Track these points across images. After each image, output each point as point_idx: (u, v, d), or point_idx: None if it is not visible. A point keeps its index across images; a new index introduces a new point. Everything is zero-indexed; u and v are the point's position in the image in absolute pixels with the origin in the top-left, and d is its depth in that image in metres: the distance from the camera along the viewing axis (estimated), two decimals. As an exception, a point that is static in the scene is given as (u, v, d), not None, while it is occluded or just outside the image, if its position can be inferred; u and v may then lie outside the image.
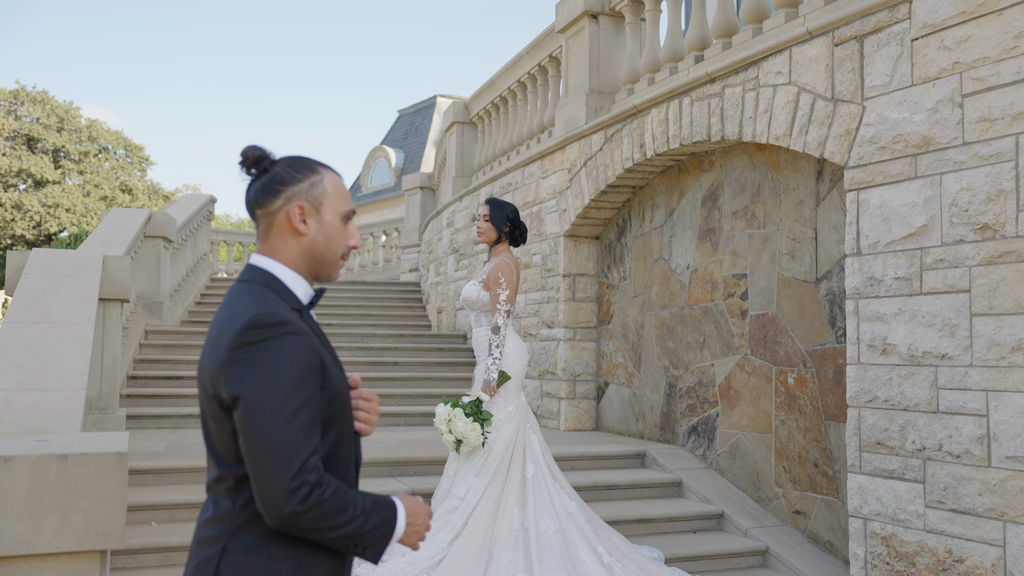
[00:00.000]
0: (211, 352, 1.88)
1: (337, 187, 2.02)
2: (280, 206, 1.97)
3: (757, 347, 6.44)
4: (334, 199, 2.00)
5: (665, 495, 6.64)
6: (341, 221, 2.01)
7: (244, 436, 1.78)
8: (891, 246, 4.93)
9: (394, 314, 13.34)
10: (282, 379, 1.78)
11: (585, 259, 8.75)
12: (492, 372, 5.11)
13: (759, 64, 6.01)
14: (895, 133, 4.91)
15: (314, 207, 1.98)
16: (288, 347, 1.81)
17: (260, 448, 1.76)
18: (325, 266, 2.02)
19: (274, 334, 1.82)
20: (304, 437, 1.78)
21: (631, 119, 7.59)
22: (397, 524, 1.91)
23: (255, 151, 2.01)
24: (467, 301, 5.35)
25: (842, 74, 5.30)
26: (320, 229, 1.98)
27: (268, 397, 1.76)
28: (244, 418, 1.77)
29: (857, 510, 5.09)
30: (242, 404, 1.77)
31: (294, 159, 2.02)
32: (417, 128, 35.35)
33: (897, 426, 4.86)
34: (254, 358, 1.79)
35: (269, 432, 1.75)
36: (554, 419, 8.70)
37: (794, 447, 6.04)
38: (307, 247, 1.98)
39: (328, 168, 2.05)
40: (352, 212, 2.05)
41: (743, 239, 6.65)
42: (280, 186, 1.97)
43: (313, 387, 1.84)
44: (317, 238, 1.98)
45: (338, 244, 2.01)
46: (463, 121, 12.86)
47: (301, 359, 1.82)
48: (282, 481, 1.75)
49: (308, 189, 1.97)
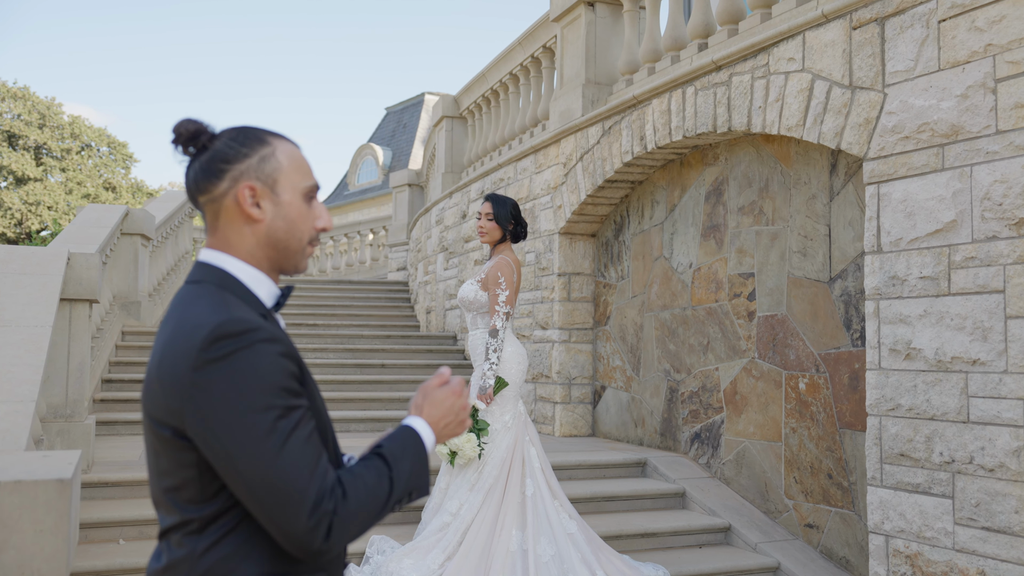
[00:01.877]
0: (161, 375, 1.52)
1: (294, 159, 1.66)
2: (226, 189, 1.61)
3: (765, 350, 6.10)
4: (292, 174, 1.64)
5: (668, 506, 6.28)
6: (303, 199, 1.65)
7: (232, 477, 1.45)
8: (915, 243, 4.59)
9: (381, 314, 12.95)
10: (263, 398, 1.45)
11: (581, 258, 8.39)
12: (489, 378, 4.75)
13: (769, 50, 5.67)
14: (920, 122, 4.57)
15: (268, 186, 1.62)
16: (263, 357, 1.47)
17: (258, 490, 1.44)
18: (290, 255, 1.66)
19: (243, 344, 1.47)
20: (307, 460, 1.46)
21: (630, 110, 7.24)
22: (425, 445, 1.66)
23: (190, 125, 1.64)
24: (464, 301, 4.98)
25: (861, 59, 4.96)
26: (278, 212, 1.62)
27: (251, 425, 1.43)
28: (225, 454, 1.44)
29: (878, 526, 4.75)
30: (218, 437, 1.44)
31: (238, 130, 1.65)
32: (405, 126, 34.96)
33: (923, 436, 4.52)
34: (223, 377, 1.45)
35: (265, 469, 1.43)
36: (548, 424, 8.34)
37: (806, 456, 5.70)
38: (264, 235, 1.63)
39: (281, 137, 1.68)
40: (315, 187, 1.68)
41: (750, 236, 6.30)
42: (223, 165, 1.61)
43: (301, 399, 1.52)
44: (276, 223, 1.63)
45: (302, 228, 1.65)
46: (453, 116, 12.48)
47: (281, 369, 1.48)
48: (297, 525, 1.45)
49: (258, 165, 1.61)
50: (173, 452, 1.53)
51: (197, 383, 1.46)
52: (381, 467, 1.57)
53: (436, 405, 1.71)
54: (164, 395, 1.51)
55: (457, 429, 1.75)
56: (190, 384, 1.46)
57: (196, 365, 1.47)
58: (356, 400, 8.98)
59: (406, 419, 1.70)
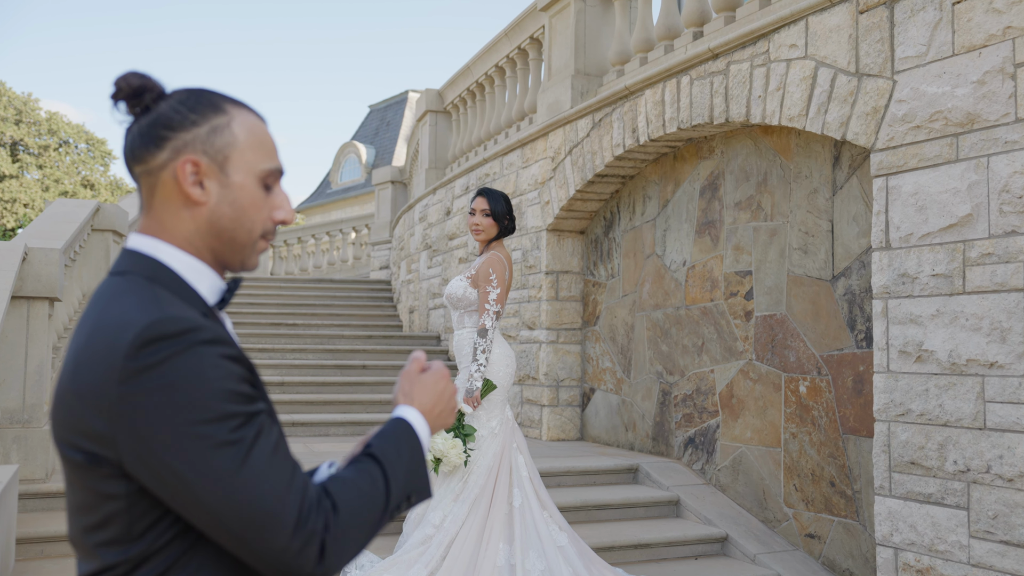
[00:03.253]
0: (77, 388, 1.22)
1: (254, 135, 1.36)
2: (165, 161, 1.32)
3: (764, 352, 5.83)
4: (248, 152, 1.35)
5: (662, 515, 6.01)
6: (258, 184, 1.36)
7: (190, 508, 1.18)
8: (927, 239, 4.33)
9: (363, 314, 12.64)
10: (213, 407, 1.17)
11: (569, 255, 8.10)
12: (476, 380, 4.45)
13: (770, 37, 5.40)
14: (933, 110, 4.31)
15: (216, 163, 1.32)
16: (205, 361, 1.19)
17: (226, 517, 1.17)
18: (236, 249, 1.37)
19: (180, 347, 1.18)
20: (281, 472, 1.20)
21: (622, 102, 6.96)
22: (420, 438, 1.41)
23: (134, 79, 1.34)
24: (451, 298, 4.68)
25: (868, 45, 4.69)
26: (225, 195, 1.33)
27: (204, 440, 1.16)
28: (177, 481, 1.16)
29: (887, 538, 4.48)
30: (166, 462, 1.16)
31: (191, 92, 1.36)
32: (388, 124, 34.61)
33: (935, 444, 4.26)
34: (159, 388, 1.16)
35: (230, 490, 1.16)
36: (535, 428, 8.05)
37: (807, 463, 5.43)
38: (206, 222, 1.33)
39: (242, 106, 1.38)
40: (278, 172, 1.38)
41: (747, 233, 6.04)
42: (165, 131, 1.32)
43: (259, 403, 1.24)
44: (220, 209, 1.33)
45: (254, 217, 1.36)
46: (436, 110, 12.17)
47: (229, 373, 1.20)
48: (281, 552, 1.19)
49: (207, 136, 1.32)
50: (92, 482, 1.24)
51: (126, 398, 1.17)
52: (373, 469, 1.32)
53: (426, 391, 1.47)
54: (82, 413, 1.21)
55: (449, 418, 1.51)
56: (117, 400, 1.17)
57: (123, 376, 1.18)
58: (336, 403, 8.67)
59: (395, 410, 1.45)
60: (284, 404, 8.47)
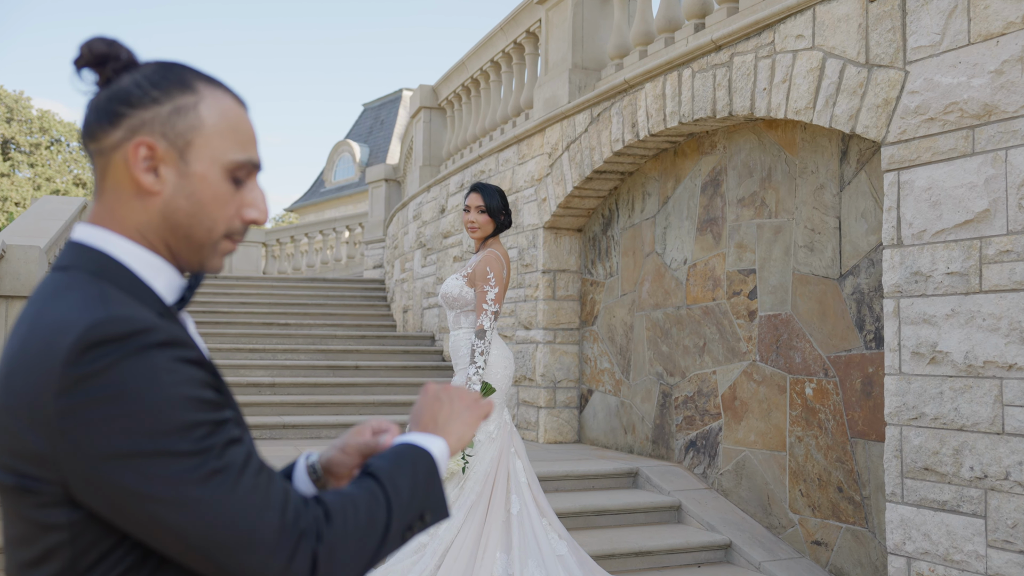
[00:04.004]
0: (8, 400, 1.05)
1: (226, 120, 1.18)
2: (118, 141, 1.14)
3: (768, 352, 5.66)
4: (215, 139, 1.17)
5: (663, 521, 5.83)
6: (225, 177, 1.18)
7: (156, 533, 1.02)
8: (942, 235, 4.16)
9: (356, 313, 12.45)
10: (174, 415, 1.01)
11: (567, 253, 7.93)
12: (474, 383, 4.27)
13: (775, 27, 5.23)
14: (947, 101, 4.14)
15: (175, 148, 1.15)
16: (159, 365, 1.02)
17: (202, 539, 1.02)
18: (193, 249, 1.19)
19: (129, 350, 1.02)
20: (254, 485, 1.05)
21: (621, 96, 6.78)
22: (431, 453, 1.24)
23: (99, 45, 1.17)
24: (447, 298, 4.49)
25: (879, 34, 4.52)
26: (182, 186, 1.16)
27: (169, 454, 1.00)
28: (139, 505, 1.01)
29: (899, 547, 4.31)
30: (116, 483, 1.00)
31: (160, 66, 1.18)
32: (382, 122, 34.44)
33: (950, 449, 4.09)
34: (107, 399, 1.00)
35: (205, 507, 1.01)
36: (532, 430, 7.87)
37: (813, 468, 5.26)
38: (159, 214, 1.16)
39: (216, 86, 1.20)
40: (251, 165, 1.20)
41: (751, 230, 5.86)
42: (122, 107, 1.14)
43: (225, 410, 1.08)
44: (176, 201, 1.16)
45: (216, 214, 1.18)
46: (431, 106, 11.99)
47: (188, 378, 1.04)
48: (263, 571, 1.03)
49: (168, 117, 1.15)
50: (30, 511, 1.07)
51: (68, 412, 1.00)
52: (369, 483, 1.17)
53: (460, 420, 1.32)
54: (16, 431, 1.04)
55: (472, 430, 1.34)
56: (56, 414, 1.01)
57: (63, 386, 1.01)
58: (328, 404, 8.48)
59: (413, 440, 1.28)
60: (275, 405, 8.29)
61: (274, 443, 7.48)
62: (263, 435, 7.70)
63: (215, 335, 10.36)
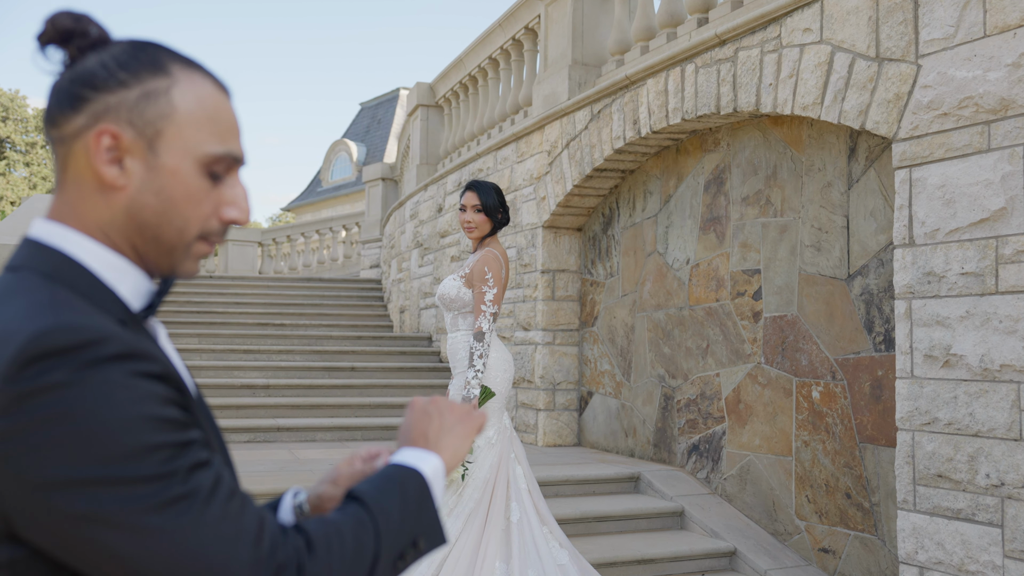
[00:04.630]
0: None
1: (204, 107, 1.05)
2: (80, 128, 1.01)
3: (773, 355, 5.52)
4: (189, 129, 1.03)
5: (665, 527, 5.69)
6: (199, 171, 1.04)
7: (110, 569, 0.89)
8: (956, 234, 4.03)
9: (352, 314, 12.30)
10: (131, 437, 0.88)
11: (566, 253, 7.79)
12: (473, 387, 4.12)
13: (782, 21, 5.09)
14: (962, 96, 4.00)
15: (143, 138, 1.01)
16: (114, 380, 0.89)
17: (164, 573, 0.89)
18: (162, 251, 1.06)
19: (79, 364, 0.89)
20: (225, 514, 0.92)
21: (622, 92, 6.64)
22: (429, 481, 1.11)
23: (64, 20, 1.05)
24: (444, 299, 4.34)
25: (890, 27, 4.39)
26: (150, 181, 1.02)
27: (118, 487, 0.88)
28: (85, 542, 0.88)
29: (911, 556, 4.18)
30: (67, 515, 0.88)
31: (131, 45, 1.05)
32: (379, 121, 34.30)
33: (965, 455, 3.96)
34: (52, 419, 0.87)
35: (159, 545, 0.89)
36: (531, 433, 7.73)
37: (820, 473, 5.13)
38: (124, 211, 1.02)
39: (195, 69, 1.07)
40: (231, 159, 1.07)
41: (755, 229, 5.72)
42: (85, 90, 1.01)
43: (192, 431, 0.94)
44: (143, 197, 1.02)
45: (188, 213, 1.05)
46: (428, 104, 11.85)
47: (147, 395, 0.91)
48: None
49: (137, 103, 1.01)
50: None
51: (8, 435, 0.89)
52: (355, 509, 1.05)
53: (455, 435, 1.19)
54: None
55: (467, 444, 1.21)
56: None
57: (2, 406, 0.89)
58: (323, 407, 8.34)
59: (404, 460, 1.15)
60: (269, 408, 8.14)
61: (268, 446, 7.34)
62: (256, 438, 7.56)
63: (209, 336, 10.22)
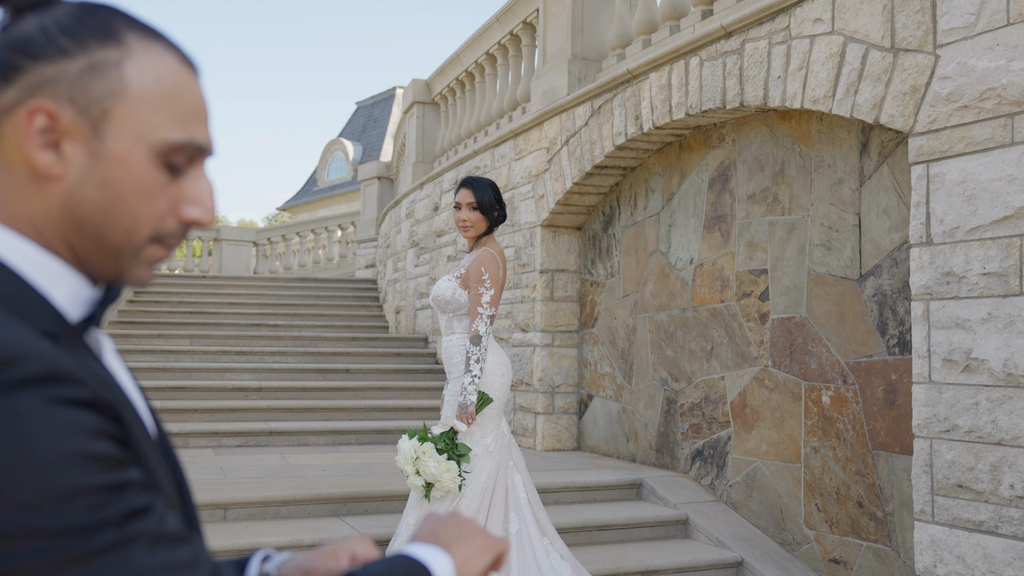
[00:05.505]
0: None
1: (163, 85, 0.87)
2: (12, 102, 0.83)
3: (781, 357, 5.33)
4: (144, 110, 0.85)
5: (669, 535, 5.50)
6: (153, 161, 0.86)
7: None
8: (976, 232, 3.84)
9: (347, 314, 12.11)
10: (39, 484, 0.71)
11: (565, 253, 7.59)
12: (470, 393, 3.93)
13: (790, 11, 4.90)
14: (984, 87, 3.81)
15: (86, 119, 0.83)
16: (27, 410, 0.73)
17: None
18: (106, 253, 0.88)
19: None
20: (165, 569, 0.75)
21: (624, 87, 6.45)
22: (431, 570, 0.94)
23: None
24: (439, 301, 4.14)
25: (906, 16, 4.20)
26: (94, 170, 0.84)
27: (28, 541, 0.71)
28: None
29: (929, 570, 3.99)
30: None
31: (81, 6, 0.87)
32: (376, 120, 34.14)
33: (987, 465, 3.77)
34: None
35: None
36: (529, 437, 7.54)
37: (830, 481, 4.94)
38: (59, 205, 0.85)
39: (154, 39, 0.88)
40: (194, 148, 0.89)
41: (762, 228, 5.54)
42: (19, 57, 0.83)
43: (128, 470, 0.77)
44: (84, 190, 0.84)
45: (138, 211, 0.86)
46: (424, 101, 11.65)
47: (69, 426, 0.74)
48: None
49: (80, 76, 0.83)
50: None
51: None
52: None
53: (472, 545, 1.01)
54: None
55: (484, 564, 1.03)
56: None
57: None
58: (316, 410, 8.14)
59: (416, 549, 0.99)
60: (261, 411, 7.94)
61: (259, 450, 7.14)
62: (248, 442, 7.36)
63: (201, 336, 10.02)
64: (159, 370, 8.65)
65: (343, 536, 4.81)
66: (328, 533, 4.86)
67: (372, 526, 5.03)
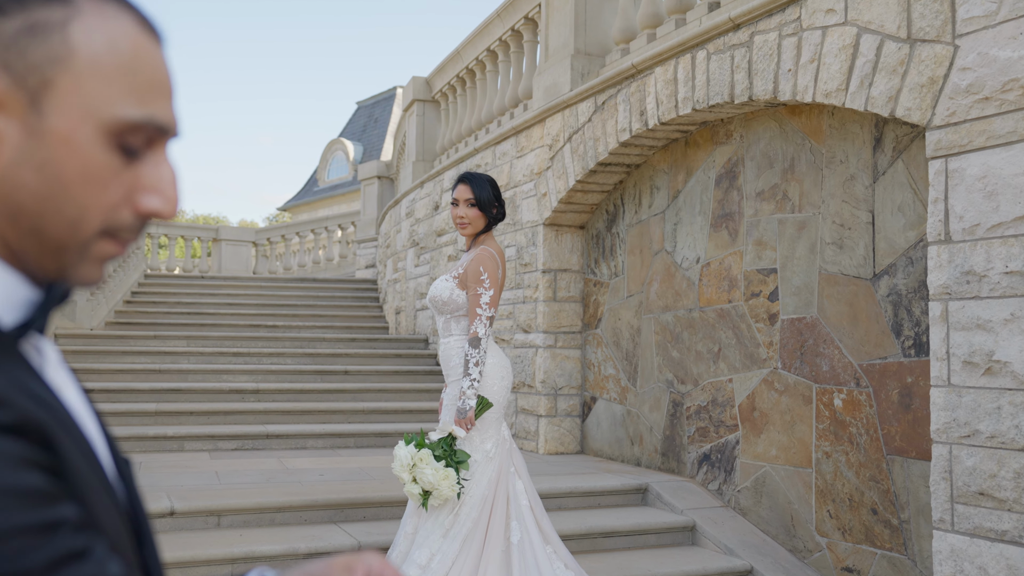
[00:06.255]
0: None
1: (117, 52, 0.72)
2: None
3: (791, 359, 5.18)
4: (93, 81, 0.71)
5: (675, 542, 5.35)
6: (103, 141, 0.71)
7: None
8: (999, 230, 3.69)
9: (347, 315, 11.96)
10: None
11: (568, 252, 7.44)
12: (469, 398, 3.77)
13: (802, 2, 4.75)
14: (1006, 78, 3.66)
15: (24, 89, 0.69)
16: None
17: None
18: (48, 247, 0.73)
19: None
20: None
21: (628, 82, 6.29)
22: None
23: None
24: (436, 302, 3.99)
25: (923, 6, 4.04)
26: (32, 151, 0.69)
27: None
28: None
29: (948, 580, 3.83)
30: None
31: None
32: (376, 120, 34.00)
33: (1010, 472, 3.61)
34: None
35: None
36: (532, 440, 7.39)
37: (843, 487, 4.79)
38: None
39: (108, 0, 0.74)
40: (154, 127, 0.74)
41: (771, 226, 5.38)
42: None
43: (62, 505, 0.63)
44: (19, 174, 0.69)
45: (84, 199, 0.72)
46: (424, 99, 11.50)
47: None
48: None
49: (16, 39, 0.69)
50: None
51: None
52: None
53: None
54: None
55: None
56: None
57: None
58: (315, 412, 7.99)
59: None
60: (258, 413, 7.80)
61: (256, 454, 7.00)
62: (244, 445, 7.21)
63: (198, 338, 9.88)
64: (155, 372, 8.51)
65: (340, 545, 4.66)
66: (325, 541, 4.71)
67: (371, 533, 4.88)
